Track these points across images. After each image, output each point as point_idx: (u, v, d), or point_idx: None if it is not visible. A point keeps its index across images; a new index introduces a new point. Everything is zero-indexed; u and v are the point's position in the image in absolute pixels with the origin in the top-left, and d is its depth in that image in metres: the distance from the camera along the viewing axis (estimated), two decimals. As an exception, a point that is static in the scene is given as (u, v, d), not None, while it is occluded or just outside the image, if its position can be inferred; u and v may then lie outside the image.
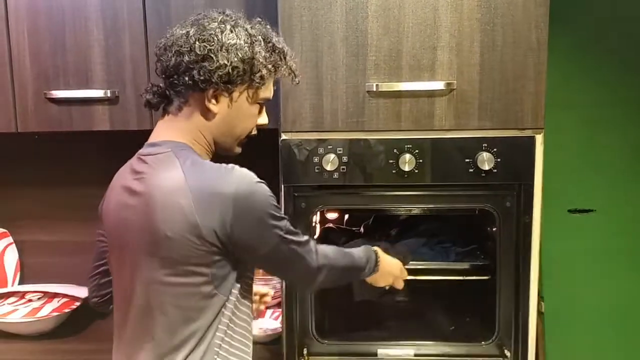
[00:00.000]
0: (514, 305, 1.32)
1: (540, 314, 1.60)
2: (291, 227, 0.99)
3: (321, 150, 1.29)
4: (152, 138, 1.01)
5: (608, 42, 1.78)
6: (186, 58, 0.94)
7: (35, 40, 1.44)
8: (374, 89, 1.26)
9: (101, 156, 1.69)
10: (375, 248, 1.21)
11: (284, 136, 1.29)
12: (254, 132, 1.05)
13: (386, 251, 1.23)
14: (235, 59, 0.95)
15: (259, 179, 0.95)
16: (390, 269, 1.22)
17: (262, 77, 0.98)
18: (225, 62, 0.94)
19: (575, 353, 1.86)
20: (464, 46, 1.24)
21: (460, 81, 1.25)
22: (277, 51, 1.00)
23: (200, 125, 0.99)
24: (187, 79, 0.95)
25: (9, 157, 1.75)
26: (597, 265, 1.82)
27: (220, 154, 1.05)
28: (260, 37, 0.98)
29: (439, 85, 1.25)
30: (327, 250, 1.07)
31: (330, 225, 1.58)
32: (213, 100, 0.97)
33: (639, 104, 1.85)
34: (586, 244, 1.81)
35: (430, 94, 1.26)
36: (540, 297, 1.52)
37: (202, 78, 0.94)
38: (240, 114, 1.00)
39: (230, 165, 0.95)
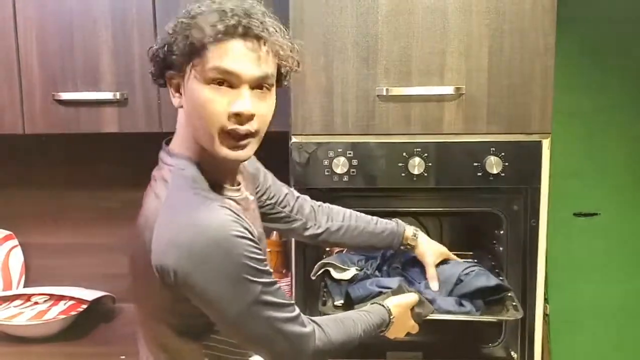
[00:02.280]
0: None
1: (545, 316, 1.62)
2: (275, 295, 0.83)
3: (331, 153, 1.30)
4: (171, 142, 0.91)
5: (615, 48, 1.80)
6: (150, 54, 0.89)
7: (43, 42, 1.44)
8: (384, 93, 1.27)
9: (108, 158, 1.69)
10: (390, 305, 1.07)
11: (294, 139, 1.30)
12: (229, 124, 0.82)
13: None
14: (160, 42, 0.85)
15: (240, 234, 0.80)
16: (404, 327, 1.11)
17: (181, 54, 0.81)
18: (154, 49, 0.86)
19: (579, 355, 1.88)
20: (473, 51, 1.26)
21: (469, 86, 1.27)
22: (228, 14, 0.80)
23: (184, 125, 0.88)
24: (151, 74, 0.90)
25: (15, 158, 1.74)
26: (601, 268, 1.84)
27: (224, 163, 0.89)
28: (215, 4, 0.82)
29: (448, 90, 1.26)
30: (329, 328, 0.92)
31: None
32: (177, 93, 0.86)
33: (644, 109, 1.87)
34: (591, 247, 1.83)
35: (440, 98, 1.27)
36: (545, 300, 1.53)
37: (151, 71, 0.88)
38: (193, 99, 0.82)
39: (214, 205, 0.81)
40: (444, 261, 1.28)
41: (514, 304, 1.22)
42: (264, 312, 0.83)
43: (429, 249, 1.25)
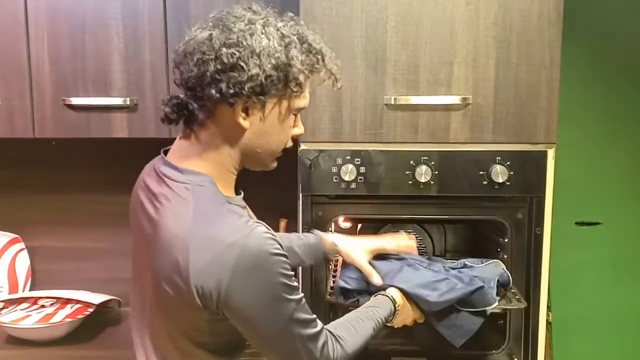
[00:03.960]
0: (523, 315, 1.35)
1: (548, 323, 1.64)
2: (304, 312, 0.86)
3: (339, 161, 1.31)
4: (174, 159, 0.87)
5: (620, 59, 1.83)
6: (211, 67, 0.80)
7: (54, 47, 1.46)
8: (392, 102, 1.29)
9: (117, 163, 1.70)
10: (396, 296, 1.10)
11: (303, 146, 1.32)
12: (289, 144, 0.92)
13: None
14: (269, 66, 0.80)
15: (277, 251, 0.81)
16: (409, 313, 1.13)
17: (299, 85, 0.84)
18: (258, 70, 0.80)
19: (581, 362, 1.89)
20: (480, 62, 1.28)
21: (475, 96, 1.29)
22: (314, 52, 0.85)
23: (227, 145, 0.86)
24: (213, 91, 0.80)
25: (24, 162, 1.75)
26: (603, 276, 1.86)
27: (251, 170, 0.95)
28: (295, 37, 0.84)
29: (455, 99, 1.28)
30: (344, 338, 0.94)
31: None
32: (243, 114, 0.84)
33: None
34: (593, 255, 1.84)
35: (447, 107, 1.29)
36: (548, 307, 1.55)
37: (231, 91, 0.80)
38: (275, 127, 0.87)
39: (250, 222, 0.82)
40: (383, 256, 1.26)
41: (517, 297, 1.25)
42: (296, 330, 0.85)
43: (352, 249, 1.22)
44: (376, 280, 1.18)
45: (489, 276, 1.23)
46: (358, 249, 1.23)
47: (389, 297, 1.10)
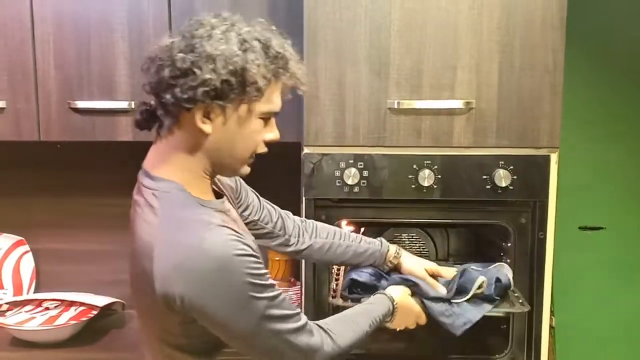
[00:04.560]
0: (527, 319, 1.35)
1: (551, 328, 1.63)
2: (280, 307, 0.85)
3: (342, 165, 1.32)
4: (148, 165, 0.89)
5: (623, 63, 1.83)
6: (167, 73, 0.81)
7: (60, 51, 1.47)
8: (395, 106, 1.29)
9: (121, 166, 1.70)
10: (394, 295, 1.09)
11: (306, 150, 1.32)
12: (261, 149, 0.90)
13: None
14: (224, 71, 0.80)
15: (241, 252, 0.81)
16: (410, 316, 1.12)
17: (258, 89, 0.83)
18: (212, 75, 0.80)
19: (584, 367, 1.89)
20: (483, 67, 1.29)
21: (479, 100, 1.29)
22: (276, 57, 0.85)
23: (194, 151, 0.86)
24: (169, 96, 0.81)
25: (28, 165, 1.76)
26: (606, 281, 1.85)
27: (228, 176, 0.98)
28: (256, 41, 0.83)
29: (458, 104, 1.29)
30: (336, 332, 0.93)
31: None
32: (205, 119, 0.84)
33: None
34: (596, 260, 1.84)
35: (450, 112, 1.30)
36: (551, 312, 1.54)
37: (184, 96, 0.80)
38: (239, 132, 0.86)
39: (212, 226, 0.82)
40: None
41: (520, 301, 1.24)
42: (271, 326, 0.85)
43: (415, 265, 1.22)
44: (441, 290, 1.17)
45: (490, 275, 1.22)
46: (419, 264, 1.22)
47: (386, 295, 1.09)
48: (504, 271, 1.28)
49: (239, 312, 0.82)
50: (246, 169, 0.92)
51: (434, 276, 1.22)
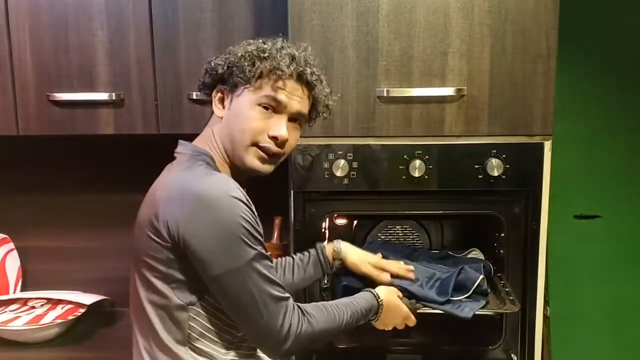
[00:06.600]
0: (520, 310, 1.33)
1: (545, 318, 1.62)
2: (267, 270, 0.90)
3: (331, 156, 1.28)
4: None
5: (617, 51, 1.79)
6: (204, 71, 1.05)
7: (37, 40, 1.41)
8: (385, 94, 1.25)
9: (105, 161, 1.67)
10: (380, 292, 1.10)
11: (293, 141, 1.28)
12: (264, 141, 0.98)
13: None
14: (221, 62, 1.00)
15: (240, 198, 0.89)
16: (397, 315, 1.12)
17: (243, 72, 0.97)
18: (213, 64, 1.01)
19: (580, 357, 1.88)
20: (475, 52, 1.25)
21: (470, 87, 1.25)
22: (264, 50, 0.99)
23: (215, 133, 1.02)
24: (200, 85, 1.06)
25: (10, 161, 1.71)
26: (602, 269, 1.84)
27: (248, 173, 1.02)
28: (269, 45, 1.00)
29: (449, 91, 1.25)
30: (315, 316, 0.96)
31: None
32: (218, 104, 1.02)
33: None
34: (591, 249, 1.83)
35: (441, 99, 1.26)
36: (546, 302, 1.53)
37: (200, 81, 1.04)
38: (236, 115, 0.99)
39: (222, 174, 0.96)
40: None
41: (510, 298, 1.23)
42: (253, 278, 0.88)
43: (357, 261, 1.23)
44: (385, 278, 1.20)
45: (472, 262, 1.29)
46: (362, 258, 1.24)
47: (372, 292, 1.11)
48: (479, 257, 1.33)
49: (224, 249, 0.87)
50: (253, 160, 0.98)
51: (382, 269, 1.23)
